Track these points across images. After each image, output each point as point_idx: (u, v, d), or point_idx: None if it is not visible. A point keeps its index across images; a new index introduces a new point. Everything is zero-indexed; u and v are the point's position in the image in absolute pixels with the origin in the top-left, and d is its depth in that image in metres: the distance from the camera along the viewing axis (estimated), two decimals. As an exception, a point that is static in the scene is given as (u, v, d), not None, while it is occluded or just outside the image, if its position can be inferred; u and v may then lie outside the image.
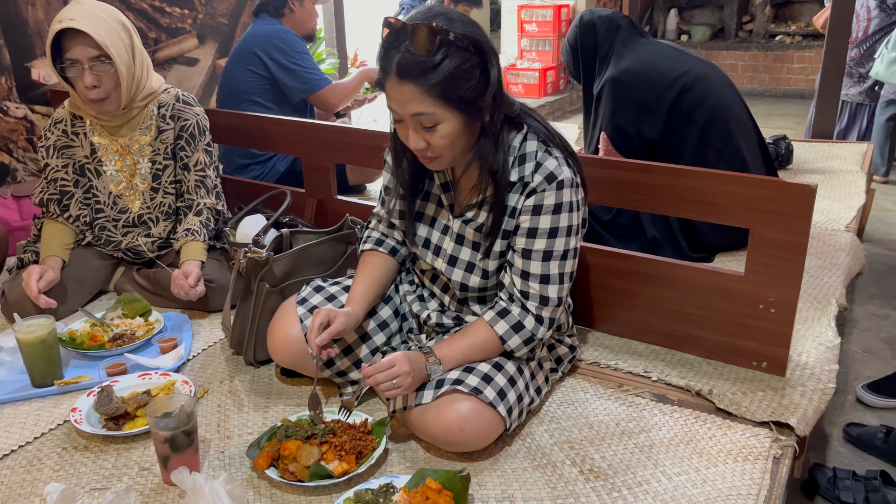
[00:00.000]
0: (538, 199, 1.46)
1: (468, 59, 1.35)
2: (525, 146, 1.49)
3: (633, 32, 2.57)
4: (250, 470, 1.47)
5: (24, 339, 1.70)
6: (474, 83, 1.36)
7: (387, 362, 1.41)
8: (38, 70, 2.91)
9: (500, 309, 1.52)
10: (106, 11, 2.01)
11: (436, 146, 1.41)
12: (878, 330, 2.82)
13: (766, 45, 7.84)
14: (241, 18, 3.77)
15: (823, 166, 3.33)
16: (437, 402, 1.45)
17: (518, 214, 1.49)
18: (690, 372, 1.78)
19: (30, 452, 1.56)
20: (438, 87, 1.33)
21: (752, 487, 1.39)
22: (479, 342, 1.51)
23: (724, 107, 2.44)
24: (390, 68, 1.35)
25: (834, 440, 2.19)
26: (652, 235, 2.43)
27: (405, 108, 1.38)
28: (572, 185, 1.47)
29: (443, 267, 1.60)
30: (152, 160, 2.19)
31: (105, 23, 1.97)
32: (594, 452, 1.51)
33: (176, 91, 2.23)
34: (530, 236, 1.48)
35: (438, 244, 1.61)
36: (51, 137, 2.17)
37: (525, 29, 7.18)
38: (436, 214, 1.62)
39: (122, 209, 2.21)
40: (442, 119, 1.37)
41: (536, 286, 1.50)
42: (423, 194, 1.63)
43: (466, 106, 1.37)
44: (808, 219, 1.59)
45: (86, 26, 1.91)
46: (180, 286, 1.99)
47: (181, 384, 1.71)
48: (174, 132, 2.19)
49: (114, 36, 1.98)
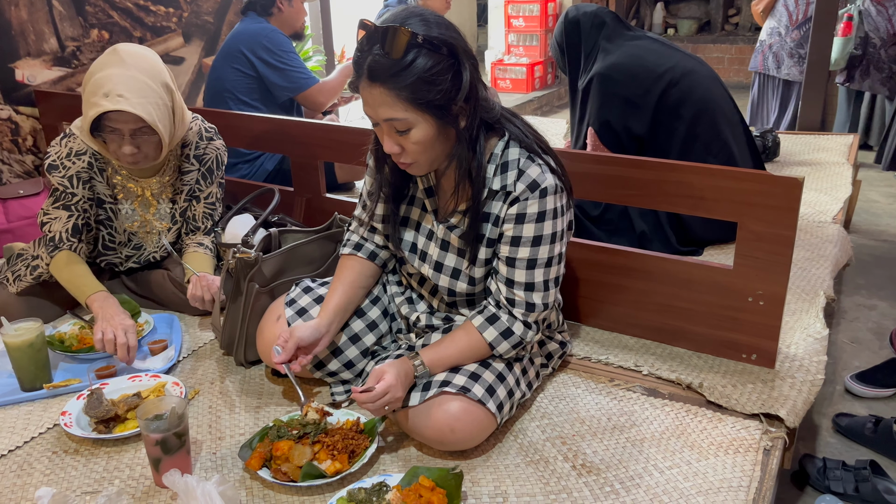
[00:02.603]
0: (521, 208, 1.45)
1: (440, 61, 1.33)
2: (507, 153, 1.47)
3: (619, 27, 2.58)
4: (242, 471, 1.47)
5: (12, 342, 1.69)
6: (446, 87, 1.34)
7: (381, 390, 1.39)
8: (22, 71, 2.89)
9: (489, 315, 1.51)
10: (150, 73, 1.87)
11: (410, 151, 1.39)
12: (865, 320, 2.84)
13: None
14: (226, 17, 3.74)
15: (810, 158, 3.35)
16: (427, 403, 1.45)
17: (501, 223, 1.48)
18: (681, 365, 1.79)
19: (20, 457, 1.54)
20: (408, 91, 1.32)
21: (743, 479, 1.40)
22: (467, 348, 1.50)
23: (711, 101, 2.45)
24: (362, 71, 1.34)
25: (823, 431, 2.20)
26: (641, 230, 2.43)
27: (377, 113, 1.36)
28: (556, 192, 1.45)
29: (429, 273, 1.59)
30: (173, 200, 2.13)
31: (152, 93, 1.84)
32: (586, 447, 1.51)
33: (198, 126, 2.14)
34: (514, 244, 1.47)
35: (424, 249, 1.60)
36: (71, 168, 1.98)
37: (512, 24, 7.18)
38: (420, 219, 1.61)
39: (136, 245, 2.15)
40: (414, 123, 1.35)
41: (522, 294, 1.49)
42: (409, 199, 1.62)
43: (439, 110, 1.35)
44: (796, 211, 1.60)
45: (136, 105, 1.79)
46: (207, 288, 1.96)
47: (171, 386, 1.70)
48: (198, 173, 2.13)
49: (160, 108, 1.87)
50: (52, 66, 2.99)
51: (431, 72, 1.32)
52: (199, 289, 1.98)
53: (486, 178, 1.46)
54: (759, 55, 4.58)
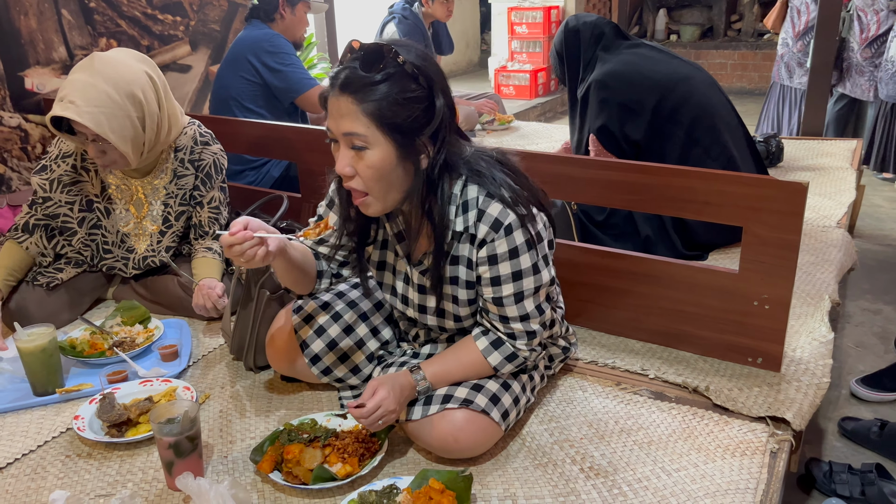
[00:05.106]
0: (490, 250, 1.41)
1: (413, 88, 1.31)
2: (466, 192, 1.42)
3: (617, 37, 2.62)
4: (254, 474, 1.48)
5: (25, 347, 1.71)
6: (415, 115, 1.32)
7: (372, 407, 1.39)
8: (31, 79, 2.91)
9: (493, 339, 1.51)
10: (114, 83, 1.88)
11: (363, 175, 1.35)
12: (870, 325, 2.85)
13: (755, 44, 7.89)
14: (232, 24, 3.77)
15: (814, 163, 3.36)
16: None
17: (476, 265, 1.45)
18: (687, 369, 1.80)
19: (33, 461, 1.56)
20: (375, 106, 1.29)
21: (750, 482, 1.41)
22: (470, 367, 1.51)
23: (708, 106, 2.48)
24: (335, 82, 1.33)
25: (829, 434, 2.21)
26: (646, 234, 2.45)
27: (339, 124, 1.33)
28: (522, 225, 1.40)
29: (415, 315, 1.60)
30: (165, 203, 2.14)
31: (109, 103, 1.86)
32: (594, 450, 1.52)
33: (194, 131, 2.15)
34: (495, 284, 1.44)
35: (404, 294, 1.59)
36: (56, 170, 2.06)
37: (515, 31, 7.21)
38: (395, 263, 1.59)
39: (129, 248, 2.16)
40: (372, 144, 1.32)
41: (519, 326, 1.48)
42: (382, 243, 1.59)
43: (401, 136, 1.32)
44: (801, 216, 1.61)
45: (83, 115, 1.82)
46: (207, 297, 1.99)
47: (182, 390, 1.72)
48: (194, 178, 2.13)
49: (117, 118, 1.87)
50: (61, 75, 3.01)
51: (403, 95, 1.30)
52: (199, 297, 2.01)
53: (449, 220, 1.42)
54: (776, 66, 4.65)
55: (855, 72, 4.44)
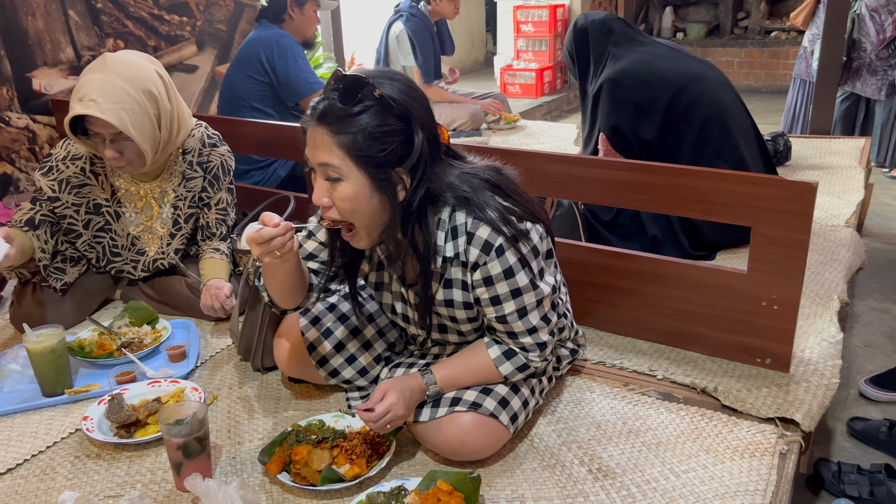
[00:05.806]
0: (484, 272, 1.40)
1: (390, 122, 1.30)
2: (455, 218, 1.41)
3: (628, 34, 2.60)
4: (262, 475, 1.49)
5: (34, 348, 1.71)
6: (390, 149, 1.31)
7: (382, 411, 1.39)
8: (38, 80, 2.92)
9: (506, 350, 1.50)
10: (131, 80, 1.89)
11: (339, 207, 1.35)
12: (879, 324, 2.83)
13: (762, 42, 7.86)
14: (239, 25, 3.78)
15: (822, 162, 3.34)
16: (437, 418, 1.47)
17: (472, 288, 1.45)
18: (695, 370, 1.80)
19: (42, 461, 1.57)
20: (349, 139, 1.29)
21: (760, 483, 1.41)
22: (480, 374, 1.50)
23: (720, 106, 2.46)
24: (314, 114, 1.33)
25: (838, 435, 2.20)
26: (653, 234, 2.44)
27: (314, 155, 1.33)
28: (514, 244, 1.39)
29: (417, 332, 1.61)
30: (175, 206, 2.14)
31: (128, 99, 1.86)
32: (602, 451, 1.52)
33: (202, 133, 2.15)
34: (496, 303, 1.43)
35: (404, 313, 1.59)
36: (64, 171, 2.05)
37: (521, 29, 7.20)
38: (391, 284, 1.59)
39: (139, 251, 2.16)
40: (346, 176, 1.31)
41: (528, 339, 1.48)
42: (377, 264, 1.59)
43: (376, 170, 1.31)
44: (810, 216, 1.61)
45: (105, 111, 1.81)
46: (215, 297, 2.00)
47: (190, 391, 1.72)
48: (202, 179, 2.14)
49: (137, 114, 1.88)
50: (68, 76, 3.02)
51: (379, 129, 1.30)
52: (207, 298, 2.01)
53: (439, 246, 1.42)
54: (803, 62, 4.58)
55: (867, 71, 4.42)
